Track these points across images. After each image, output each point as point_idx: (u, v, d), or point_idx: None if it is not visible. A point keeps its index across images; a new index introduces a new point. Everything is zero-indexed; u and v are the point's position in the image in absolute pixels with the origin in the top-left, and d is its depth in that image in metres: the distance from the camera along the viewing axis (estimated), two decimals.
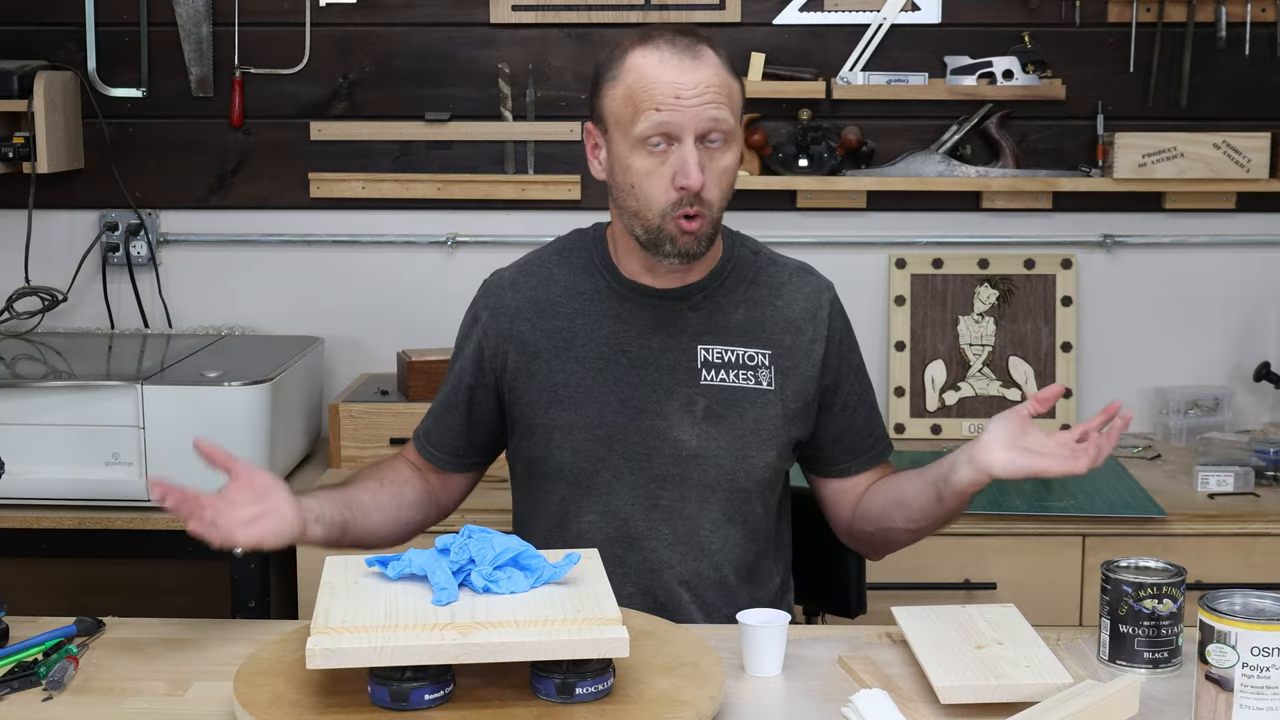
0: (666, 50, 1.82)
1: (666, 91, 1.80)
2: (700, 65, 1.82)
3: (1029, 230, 3.23)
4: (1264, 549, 2.69)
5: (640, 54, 1.83)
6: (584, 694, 1.50)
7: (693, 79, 1.80)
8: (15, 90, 2.97)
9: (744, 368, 1.93)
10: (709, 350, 1.93)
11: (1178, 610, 1.69)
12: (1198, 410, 3.18)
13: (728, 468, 1.93)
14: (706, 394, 1.92)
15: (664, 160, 1.82)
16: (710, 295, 1.95)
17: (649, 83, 1.81)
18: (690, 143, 1.81)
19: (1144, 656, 1.68)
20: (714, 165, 1.83)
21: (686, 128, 1.80)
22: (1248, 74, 3.14)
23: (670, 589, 1.93)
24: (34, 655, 1.71)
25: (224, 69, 3.17)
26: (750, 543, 1.98)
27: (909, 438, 3.18)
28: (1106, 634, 1.71)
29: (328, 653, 1.47)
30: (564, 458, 1.94)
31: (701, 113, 1.80)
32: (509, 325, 1.97)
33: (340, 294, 3.23)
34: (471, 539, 1.63)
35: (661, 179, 1.82)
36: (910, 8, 3.14)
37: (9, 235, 3.17)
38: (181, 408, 2.62)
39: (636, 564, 1.93)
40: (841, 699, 1.58)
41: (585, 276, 1.98)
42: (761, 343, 1.95)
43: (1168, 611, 1.68)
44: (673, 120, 1.80)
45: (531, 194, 3.18)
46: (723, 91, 1.82)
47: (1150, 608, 1.68)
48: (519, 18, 3.14)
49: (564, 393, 1.93)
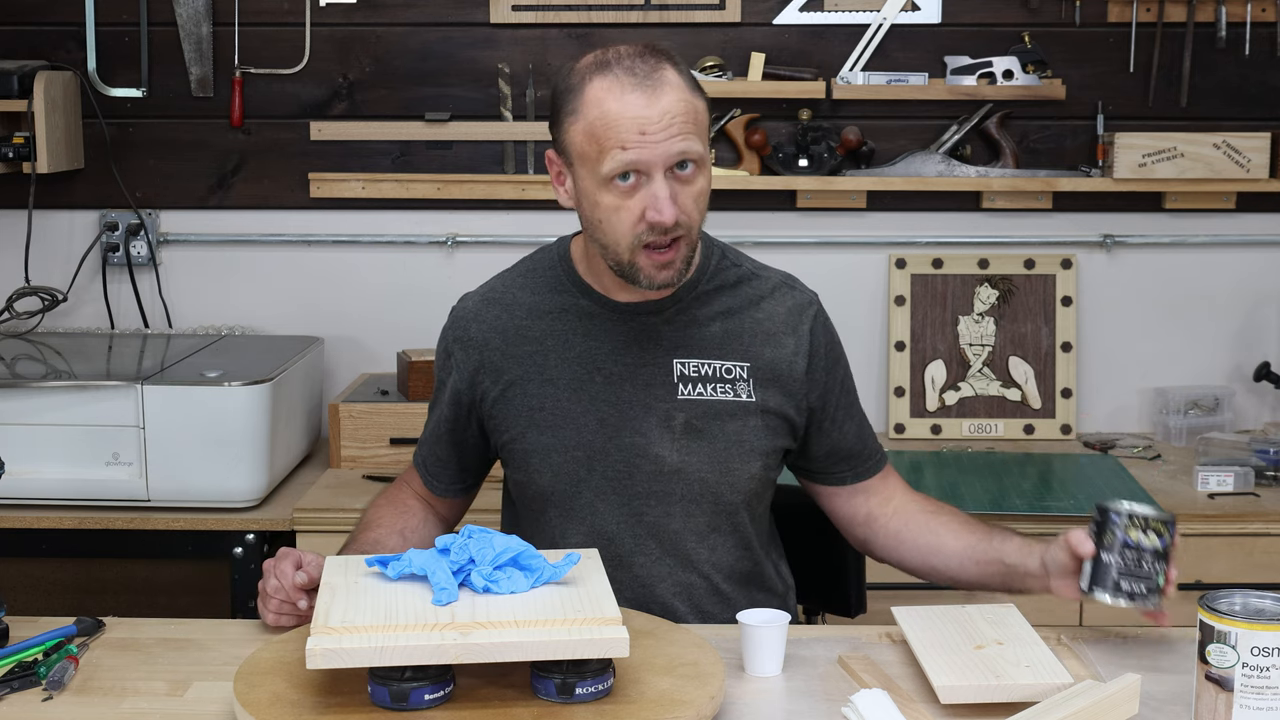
0: (626, 81, 1.74)
1: (630, 128, 1.72)
2: (662, 94, 1.73)
3: (1029, 230, 3.23)
4: (1264, 549, 2.69)
5: (599, 86, 1.75)
6: (584, 694, 1.50)
7: (657, 111, 1.73)
8: (15, 90, 2.97)
9: (722, 381, 1.90)
10: (685, 364, 1.89)
11: (1162, 549, 1.69)
12: (1198, 410, 3.18)
13: (710, 482, 1.90)
14: (685, 409, 1.89)
15: (632, 194, 1.75)
16: (684, 308, 1.91)
17: (611, 119, 1.73)
18: (660, 178, 1.74)
19: (1121, 587, 1.69)
20: (687, 191, 1.77)
21: (655, 164, 1.74)
22: (1248, 74, 3.14)
23: (665, 602, 1.91)
24: (34, 655, 1.71)
25: (224, 69, 3.17)
26: (743, 550, 1.96)
27: (909, 438, 3.18)
28: (1089, 562, 1.71)
29: (328, 653, 1.47)
30: (544, 481, 1.91)
31: (669, 147, 1.73)
32: (479, 356, 1.93)
33: (340, 294, 3.23)
34: (471, 539, 1.63)
35: (631, 213, 1.76)
36: (910, 8, 3.14)
37: (9, 235, 3.17)
38: (181, 408, 2.62)
39: (628, 581, 1.90)
40: (841, 699, 1.58)
41: (552, 295, 1.93)
42: (739, 355, 1.90)
43: (1151, 546, 1.68)
44: (640, 158, 1.73)
45: (531, 194, 3.18)
46: (689, 118, 1.75)
47: (1135, 539, 1.68)
48: (519, 18, 3.14)
49: (540, 416, 1.90)
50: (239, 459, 2.65)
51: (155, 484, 2.64)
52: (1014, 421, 3.20)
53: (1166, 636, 1.78)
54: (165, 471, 2.63)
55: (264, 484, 2.70)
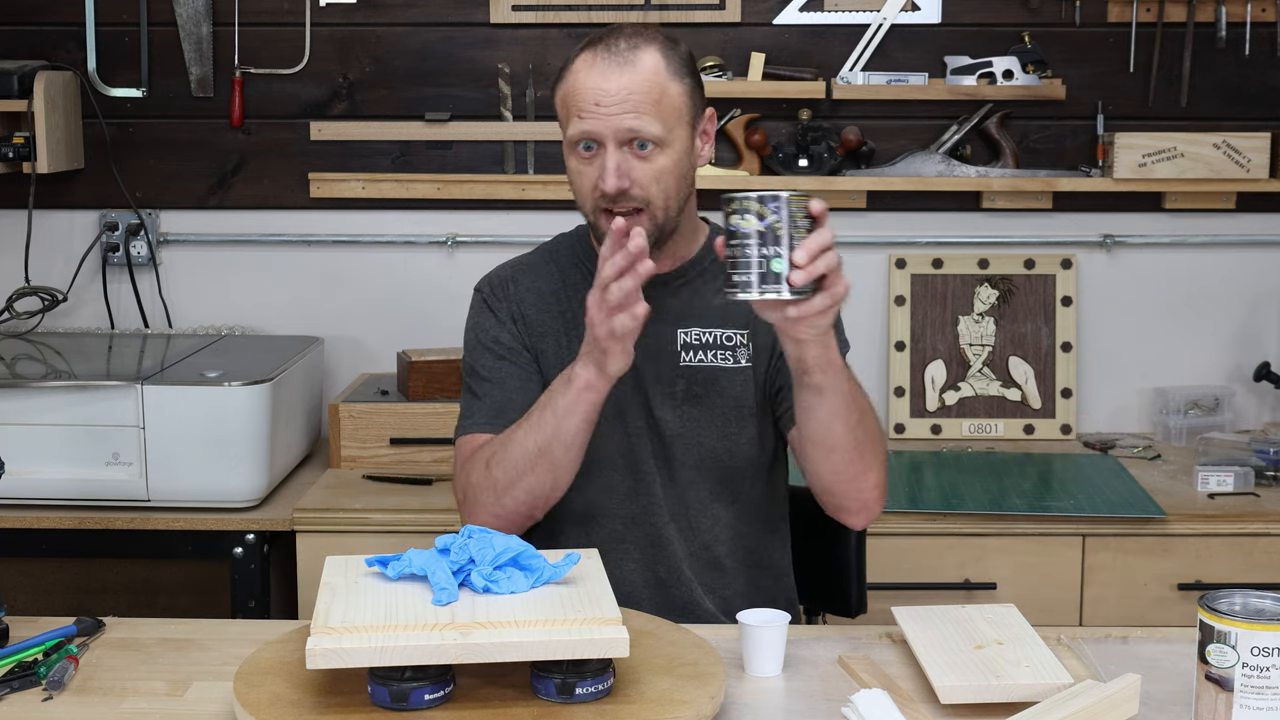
0: (601, 54, 1.87)
1: (588, 99, 1.85)
2: (628, 71, 1.85)
3: (1029, 230, 3.23)
4: (1264, 549, 2.69)
5: (582, 58, 1.89)
6: (584, 694, 1.50)
7: (615, 85, 1.84)
8: (15, 90, 2.97)
9: (722, 347, 1.99)
10: (688, 333, 1.99)
11: (765, 229, 1.61)
12: (1198, 410, 3.18)
13: (710, 447, 1.98)
14: (686, 375, 1.97)
15: (590, 161, 1.88)
16: (689, 283, 2.01)
17: (578, 88, 1.87)
18: (611, 148, 1.85)
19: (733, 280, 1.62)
20: (646, 166, 1.86)
21: (606, 135, 1.85)
22: (1248, 74, 3.14)
23: (672, 564, 1.98)
24: (34, 655, 1.71)
25: (224, 69, 3.17)
26: (744, 525, 2.01)
27: (909, 438, 3.18)
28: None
29: (328, 653, 1.47)
30: None
31: (619, 121, 1.84)
32: (518, 309, 2.03)
33: (340, 294, 3.23)
34: (471, 539, 1.63)
35: (588, 179, 1.89)
36: (910, 8, 3.14)
37: (9, 235, 3.17)
38: (181, 408, 2.62)
39: (638, 539, 1.98)
40: (841, 699, 1.58)
41: (571, 270, 2.04)
42: (739, 324, 1.99)
43: (752, 229, 1.61)
44: (591, 129, 1.86)
45: (531, 194, 3.18)
46: (647, 99, 1.85)
47: (734, 224, 1.62)
48: (519, 18, 3.14)
49: None
50: (239, 459, 2.65)
51: (155, 484, 2.64)
52: (1014, 421, 3.20)
53: (1167, 637, 1.79)
54: (165, 471, 2.63)
55: (264, 484, 2.70)
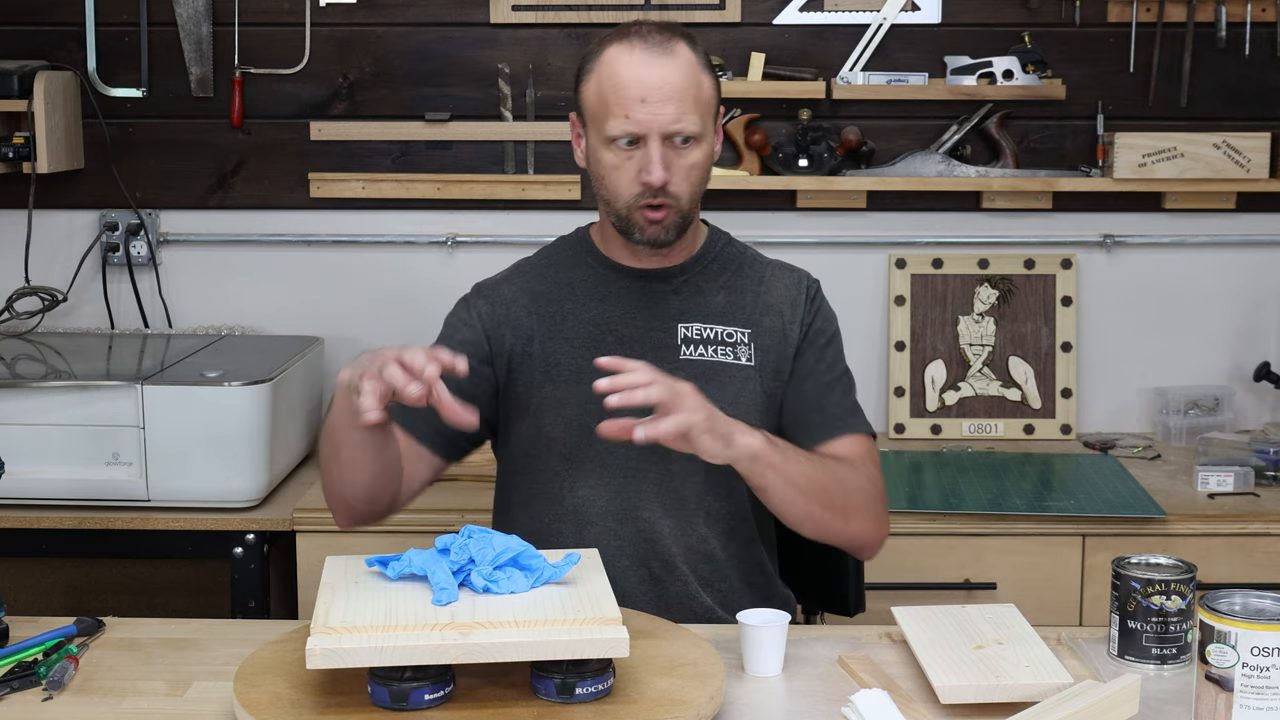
0: (639, 48, 1.90)
1: (633, 94, 1.88)
2: (668, 66, 1.89)
3: (1029, 230, 3.22)
4: (1264, 549, 2.69)
5: (615, 50, 1.91)
6: (584, 694, 1.50)
7: (658, 79, 1.87)
8: (15, 90, 2.97)
9: (723, 344, 2.01)
10: (689, 328, 2.01)
11: (1186, 607, 1.70)
12: (1198, 410, 3.18)
13: None
14: (685, 368, 1.97)
15: (631, 156, 1.90)
16: (691, 279, 2.03)
17: (619, 83, 1.89)
18: (655, 142, 1.89)
19: (1152, 652, 1.69)
20: (681, 162, 1.91)
21: (651, 130, 1.88)
22: (1248, 74, 3.14)
23: (665, 558, 1.98)
24: (34, 655, 1.72)
25: (224, 69, 3.17)
26: (738, 520, 2.03)
27: (909, 438, 3.18)
28: (1116, 629, 1.72)
29: (328, 653, 1.47)
30: (557, 433, 2.00)
31: (665, 117, 1.88)
32: (505, 312, 2.05)
33: (340, 294, 3.23)
34: (471, 539, 1.63)
35: (628, 173, 1.91)
36: (910, 8, 3.14)
37: (9, 235, 3.17)
38: (181, 408, 2.62)
39: (631, 536, 1.98)
40: (841, 699, 1.58)
41: (573, 269, 2.07)
42: (741, 323, 2.02)
43: (1176, 608, 1.69)
44: (638, 124, 1.88)
45: (531, 194, 3.18)
46: (688, 93, 1.89)
47: (1159, 604, 1.69)
48: (519, 18, 3.14)
49: (555, 371, 2.01)
50: (239, 459, 2.64)
51: (155, 484, 2.64)
52: (1014, 421, 3.20)
53: None
54: (165, 471, 2.63)
55: (264, 484, 2.70)
